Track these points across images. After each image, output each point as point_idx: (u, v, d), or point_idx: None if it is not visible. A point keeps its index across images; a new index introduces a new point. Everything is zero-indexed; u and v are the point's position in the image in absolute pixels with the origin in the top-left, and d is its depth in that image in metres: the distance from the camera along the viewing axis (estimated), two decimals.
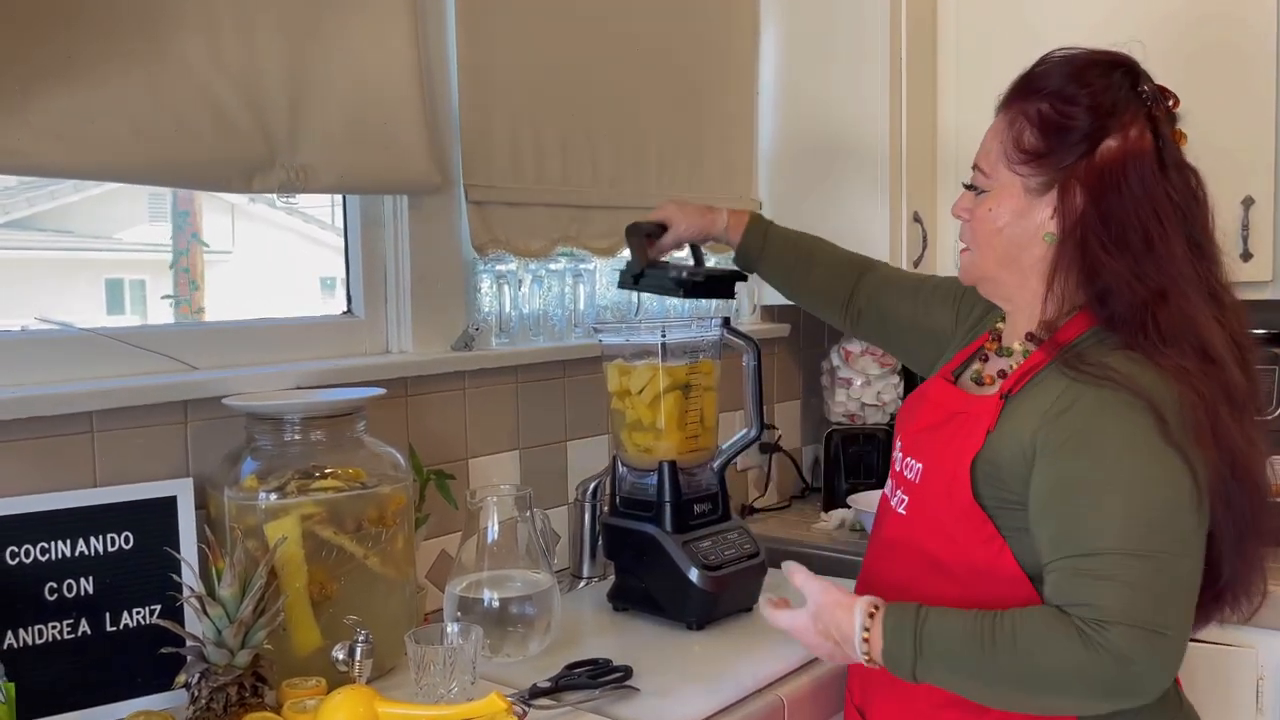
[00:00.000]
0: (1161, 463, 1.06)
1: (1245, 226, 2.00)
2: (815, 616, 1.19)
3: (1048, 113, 1.16)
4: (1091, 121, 1.14)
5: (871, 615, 1.14)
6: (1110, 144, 1.13)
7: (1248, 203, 2.00)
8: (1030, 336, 1.22)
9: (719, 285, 1.65)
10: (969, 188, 1.26)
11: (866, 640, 1.14)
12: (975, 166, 1.25)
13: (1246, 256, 2.01)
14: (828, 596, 1.19)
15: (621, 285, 1.70)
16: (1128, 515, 1.06)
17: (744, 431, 1.65)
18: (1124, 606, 1.03)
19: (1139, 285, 1.10)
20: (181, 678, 1.22)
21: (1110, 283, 1.12)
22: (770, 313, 2.47)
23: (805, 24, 2.33)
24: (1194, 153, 1.99)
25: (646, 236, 1.66)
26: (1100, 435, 1.09)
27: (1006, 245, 1.21)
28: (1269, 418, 1.63)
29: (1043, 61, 1.20)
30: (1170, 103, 1.17)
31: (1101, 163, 1.13)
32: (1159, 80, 1.19)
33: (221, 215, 2.50)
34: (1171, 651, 1.05)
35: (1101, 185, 1.12)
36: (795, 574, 1.25)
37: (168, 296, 2.41)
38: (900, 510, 1.29)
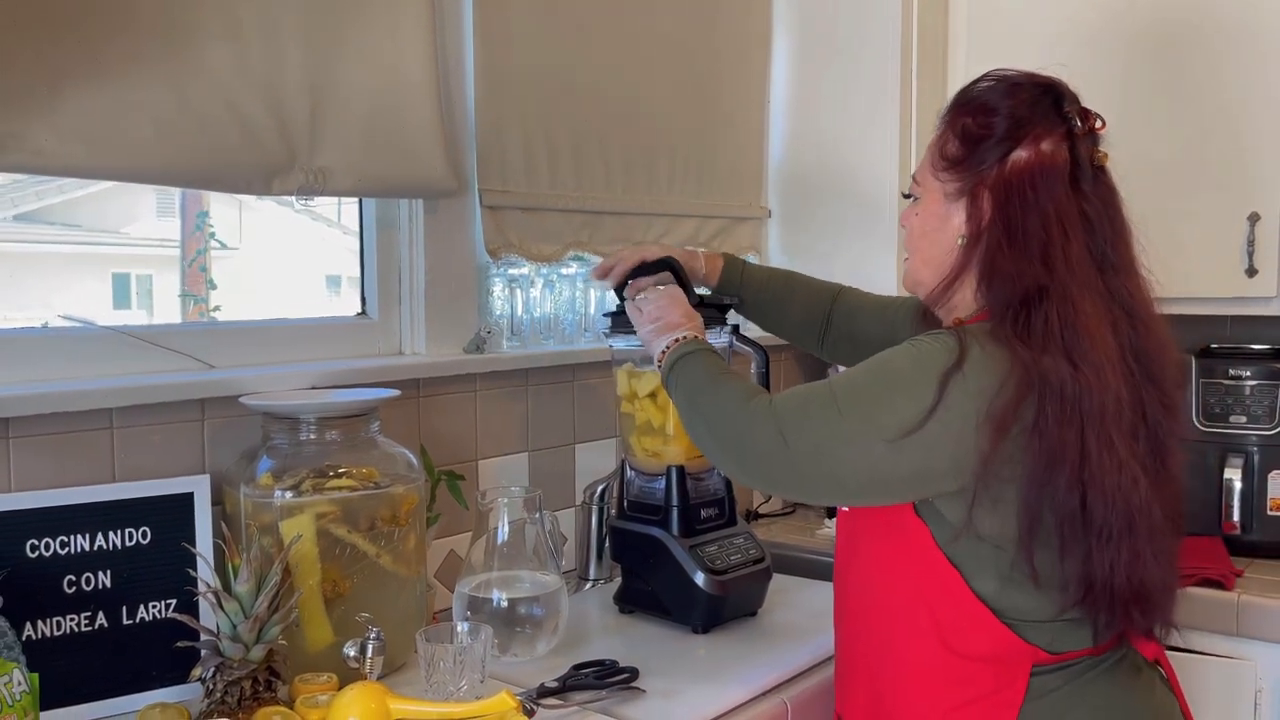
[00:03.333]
0: (917, 380, 1.13)
1: (1250, 243, 2.02)
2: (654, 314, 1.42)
3: (970, 125, 1.22)
4: (1005, 133, 1.19)
5: (685, 338, 1.36)
6: (1020, 154, 1.18)
7: (1253, 219, 2.01)
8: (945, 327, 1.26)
9: (706, 313, 1.63)
10: (907, 197, 1.33)
11: (675, 342, 1.36)
12: (913, 176, 1.32)
13: (1251, 272, 2.02)
14: (682, 313, 1.40)
15: (613, 329, 1.65)
16: (858, 377, 1.18)
17: None
18: (785, 402, 1.19)
19: (1019, 281, 1.15)
20: (197, 671, 1.24)
21: (998, 279, 1.17)
22: None
23: (817, 35, 2.35)
24: (1199, 170, 2.03)
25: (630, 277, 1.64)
26: (912, 343, 1.18)
27: (931, 248, 1.26)
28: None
29: (980, 79, 1.26)
30: (1094, 124, 1.21)
31: (1010, 171, 1.18)
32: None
33: (229, 210, 2.52)
34: (780, 463, 1.18)
35: (1006, 191, 1.18)
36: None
37: (188, 295, 2.43)
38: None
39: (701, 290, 1.68)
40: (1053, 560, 1.14)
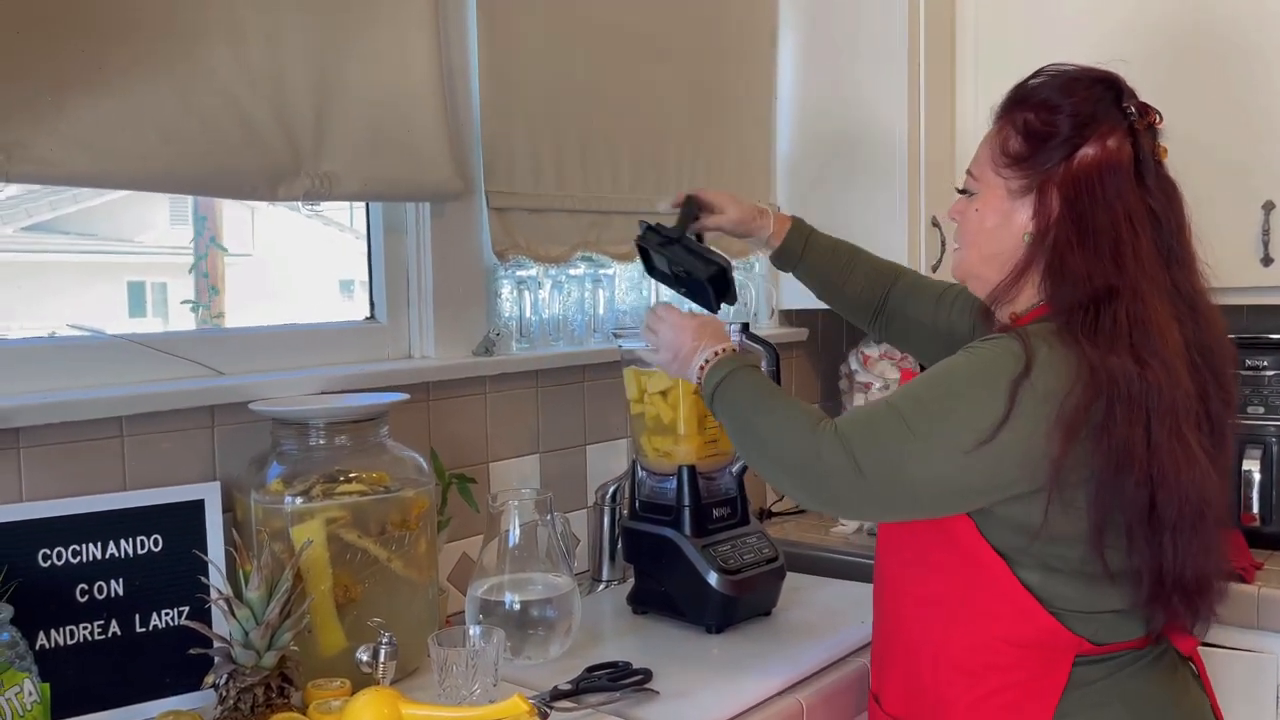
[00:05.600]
0: (986, 387, 1.12)
1: (1266, 231, 2.00)
2: (675, 338, 1.38)
3: (1032, 121, 1.22)
4: (1071, 130, 1.20)
5: (711, 358, 1.33)
6: (1088, 151, 1.19)
7: (1268, 207, 1.99)
8: (1002, 328, 1.26)
9: (719, 289, 1.58)
10: (962, 192, 1.32)
11: (702, 368, 1.34)
12: (968, 171, 1.31)
13: (1267, 261, 2.00)
14: (693, 334, 1.37)
15: (643, 241, 1.59)
16: (924, 392, 1.17)
17: None
18: (851, 427, 1.17)
19: (1090, 282, 1.15)
20: (210, 678, 1.23)
21: (1068, 279, 1.17)
22: (788, 317, 2.48)
23: (823, 30, 2.34)
24: (1213, 158, 2.01)
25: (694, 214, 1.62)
26: (973, 350, 1.18)
27: (990, 244, 1.26)
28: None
29: (1036, 75, 1.26)
30: (1153, 119, 1.22)
31: (1078, 169, 1.19)
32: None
33: (241, 217, 2.52)
34: (854, 492, 1.16)
35: (1076, 189, 1.18)
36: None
37: (187, 301, 2.43)
38: None
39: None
40: (1121, 557, 1.15)
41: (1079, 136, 1.19)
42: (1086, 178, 1.18)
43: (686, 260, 1.55)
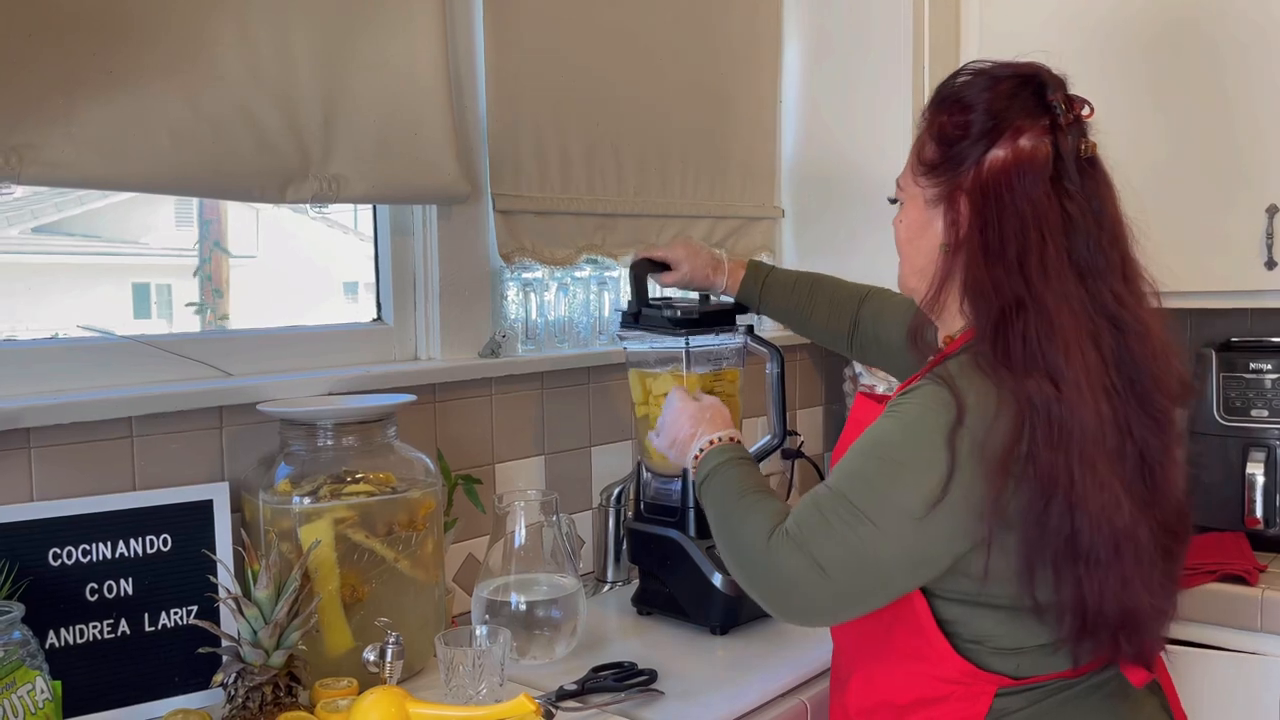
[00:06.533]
0: (924, 450, 1.05)
1: (1269, 235, 2.00)
2: (674, 424, 1.38)
3: (945, 124, 1.15)
4: (982, 130, 1.12)
5: (706, 447, 1.31)
6: (997, 154, 1.11)
7: (1271, 211, 2.00)
8: (924, 369, 1.19)
9: (717, 318, 1.64)
10: (893, 202, 1.26)
11: (696, 458, 1.31)
12: (896, 181, 1.25)
13: (1271, 265, 2.00)
14: (691, 421, 1.36)
15: (623, 326, 1.67)
16: (863, 468, 1.10)
17: (766, 438, 1.66)
18: (803, 527, 1.10)
19: (998, 295, 1.08)
20: (218, 677, 1.25)
21: (981, 294, 1.10)
22: None
23: (829, 36, 2.35)
24: (1217, 162, 2.01)
25: (649, 273, 1.66)
26: (899, 410, 1.11)
27: (916, 256, 1.21)
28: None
29: (957, 73, 1.19)
30: (1080, 110, 1.13)
31: (986, 174, 1.11)
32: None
33: (246, 218, 2.53)
34: (822, 593, 1.09)
35: (983, 196, 1.11)
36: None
37: (192, 304, 2.44)
38: None
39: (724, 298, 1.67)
40: (1049, 591, 1.08)
41: (989, 138, 1.11)
42: (994, 182, 1.10)
43: (657, 325, 1.60)
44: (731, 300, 1.68)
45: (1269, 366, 2.02)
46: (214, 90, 1.40)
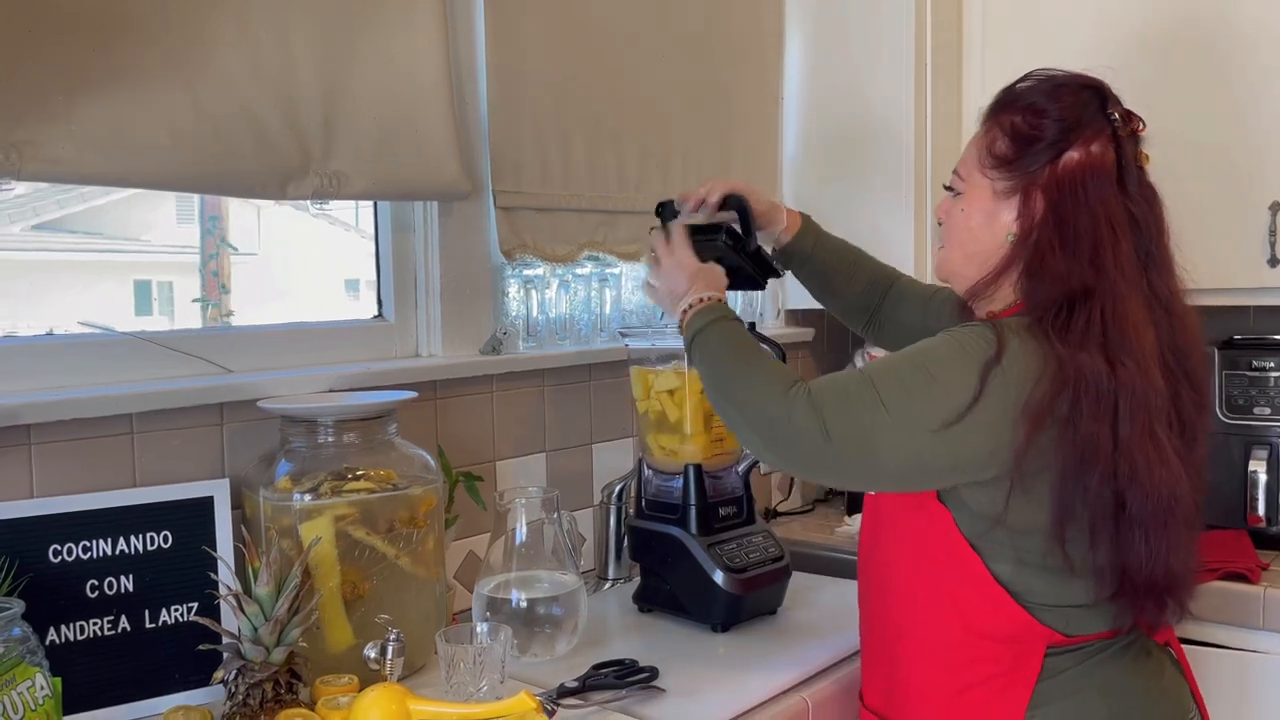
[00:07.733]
0: (959, 370, 1.15)
1: (1272, 232, 2.00)
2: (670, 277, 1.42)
3: (1019, 124, 1.24)
4: (1057, 135, 1.22)
5: (695, 304, 1.36)
6: (1072, 156, 1.21)
7: (1274, 208, 1.99)
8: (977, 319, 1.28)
9: (761, 272, 1.59)
10: (948, 189, 1.34)
11: (687, 311, 1.37)
12: (955, 171, 1.33)
13: (1274, 262, 2.00)
14: (689, 277, 1.40)
15: (716, 247, 1.52)
16: (899, 367, 1.19)
17: None
18: (824, 392, 1.19)
19: (1067, 281, 1.17)
20: (219, 674, 1.24)
21: (1047, 279, 1.19)
22: (795, 317, 2.48)
23: (830, 29, 2.34)
24: (1220, 160, 2.01)
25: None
26: (953, 334, 1.20)
27: (974, 243, 1.28)
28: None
29: (1024, 78, 1.28)
30: (1136, 126, 1.24)
31: (1062, 172, 1.21)
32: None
33: (247, 215, 2.53)
34: (824, 454, 1.17)
35: (1060, 192, 1.21)
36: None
37: (197, 300, 2.44)
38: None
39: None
40: (1084, 551, 1.17)
41: (1064, 141, 1.21)
42: (1070, 181, 1.20)
43: (746, 265, 1.56)
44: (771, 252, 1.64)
45: (1272, 364, 2.01)
46: (215, 87, 1.39)
